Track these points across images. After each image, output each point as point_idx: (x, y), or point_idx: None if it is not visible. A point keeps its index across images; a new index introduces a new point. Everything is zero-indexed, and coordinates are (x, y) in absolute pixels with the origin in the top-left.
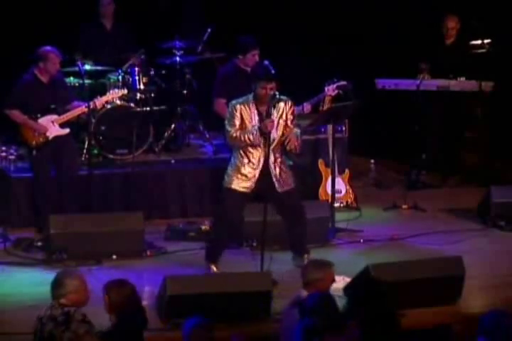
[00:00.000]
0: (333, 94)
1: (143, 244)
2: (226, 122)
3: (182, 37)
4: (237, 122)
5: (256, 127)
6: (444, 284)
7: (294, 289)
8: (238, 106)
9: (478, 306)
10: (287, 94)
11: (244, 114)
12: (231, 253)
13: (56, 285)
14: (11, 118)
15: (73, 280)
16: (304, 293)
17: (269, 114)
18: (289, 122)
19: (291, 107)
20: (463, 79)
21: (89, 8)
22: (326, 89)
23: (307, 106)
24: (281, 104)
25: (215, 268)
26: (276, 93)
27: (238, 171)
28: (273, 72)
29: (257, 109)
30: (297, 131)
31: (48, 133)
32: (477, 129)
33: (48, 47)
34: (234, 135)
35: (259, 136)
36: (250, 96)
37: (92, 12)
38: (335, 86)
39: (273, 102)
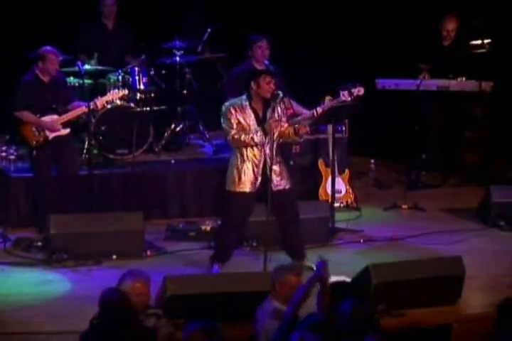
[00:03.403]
0: (348, 99)
1: (143, 244)
2: (223, 124)
3: (182, 37)
4: (235, 123)
5: (259, 127)
6: (444, 284)
7: None
8: (232, 108)
9: (478, 306)
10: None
11: (239, 116)
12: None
13: None
14: (22, 119)
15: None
16: (276, 304)
17: (264, 114)
18: (283, 123)
19: (287, 108)
20: (463, 79)
21: (90, 8)
22: (341, 94)
23: (319, 111)
24: (277, 106)
25: (218, 268)
26: (280, 92)
27: (239, 172)
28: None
29: (252, 108)
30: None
31: (48, 133)
32: (477, 129)
33: (48, 47)
34: (236, 136)
35: (262, 136)
36: (244, 97)
37: (93, 12)
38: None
39: (276, 101)
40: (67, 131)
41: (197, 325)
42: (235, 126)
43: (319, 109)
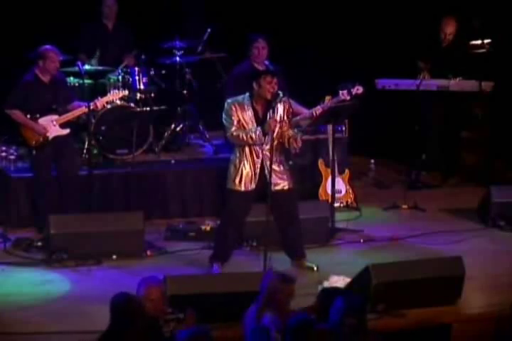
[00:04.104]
0: (347, 98)
1: (143, 244)
2: (224, 120)
3: (182, 37)
4: (236, 120)
5: (258, 127)
6: (444, 284)
7: None
8: (234, 105)
9: (478, 306)
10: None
11: (240, 114)
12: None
13: None
14: (11, 117)
15: None
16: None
17: (265, 114)
18: (284, 124)
19: (288, 108)
20: (463, 79)
21: (90, 8)
22: (340, 93)
23: (319, 110)
24: (278, 105)
25: (218, 268)
26: (280, 92)
27: (239, 171)
28: None
29: (253, 108)
30: (299, 133)
31: (48, 134)
32: (477, 129)
33: (47, 46)
34: (235, 133)
35: (261, 136)
36: (246, 96)
37: (93, 12)
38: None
39: (276, 101)
40: (67, 131)
41: (187, 333)
42: (235, 123)
43: (318, 109)
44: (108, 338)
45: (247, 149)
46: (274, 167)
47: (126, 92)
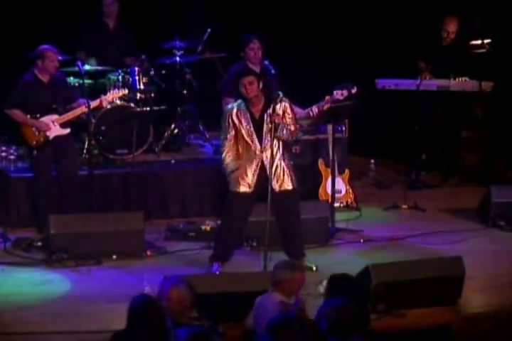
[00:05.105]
0: (341, 98)
1: (143, 244)
2: (223, 130)
3: (182, 37)
4: (232, 132)
5: (255, 135)
6: (444, 284)
7: None
8: (233, 114)
9: (478, 306)
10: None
11: (238, 120)
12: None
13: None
14: (12, 117)
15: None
16: (281, 297)
17: (262, 116)
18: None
19: (291, 111)
20: (463, 79)
21: (90, 8)
22: (334, 92)
23: (315, 110)
24: (278, 105)
25: (218, 267)
26: (280, 92)
27: (242, 172)
28: (273, 71)
29: (249, 111)
30: (299, 133)
31: (48, 133)
32: (477, 129)
33: (46, 46)
34: (227, 161)
35: (257, 145)
36: (240, 101)
37: (94, 11)
38: (345, 92)
39: (276, 101)
40: (67, 131)
41: (186, 332)
42: (232, 135)
43: (315, 108)
44: (121, 338)
45: (247, 151)
46: (276, 167)
47: (126, 91)
